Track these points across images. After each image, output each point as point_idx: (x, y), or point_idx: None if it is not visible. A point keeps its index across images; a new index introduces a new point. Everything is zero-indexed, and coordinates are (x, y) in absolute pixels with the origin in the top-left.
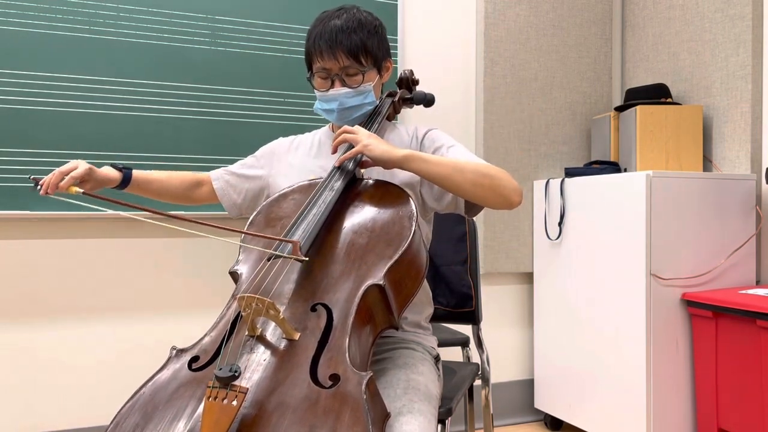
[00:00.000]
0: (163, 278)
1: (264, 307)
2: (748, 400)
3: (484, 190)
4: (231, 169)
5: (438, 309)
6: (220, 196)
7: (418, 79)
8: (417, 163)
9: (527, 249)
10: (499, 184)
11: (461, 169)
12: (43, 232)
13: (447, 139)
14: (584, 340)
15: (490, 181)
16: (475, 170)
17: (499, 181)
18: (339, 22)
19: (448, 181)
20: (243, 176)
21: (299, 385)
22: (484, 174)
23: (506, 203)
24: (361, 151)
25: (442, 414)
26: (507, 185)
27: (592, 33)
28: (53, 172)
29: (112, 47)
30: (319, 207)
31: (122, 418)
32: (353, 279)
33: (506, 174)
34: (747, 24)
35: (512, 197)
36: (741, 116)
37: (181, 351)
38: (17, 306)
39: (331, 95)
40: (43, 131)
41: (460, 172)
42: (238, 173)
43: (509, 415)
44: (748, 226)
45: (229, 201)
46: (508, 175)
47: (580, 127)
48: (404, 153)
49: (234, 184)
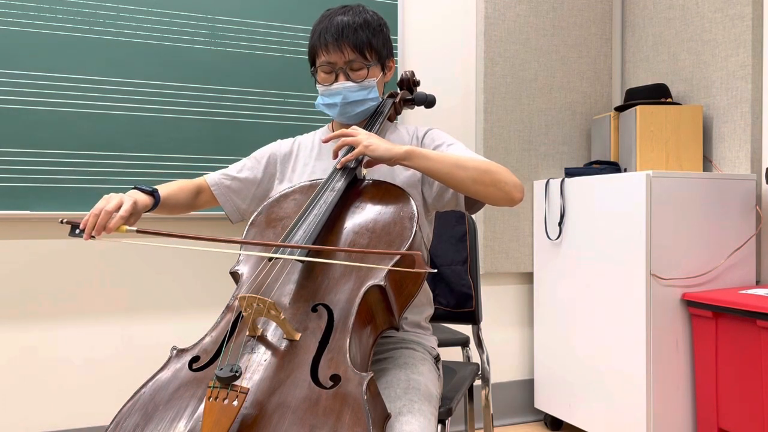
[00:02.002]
0: (164, 278)
1: (265, 308)
2: (748, 400)
3: (486, 186)
4: (230, 174)
5: (438, 309)
6: (222, 202)
7: (419, 80)
8: (419, 160)
9: (527, 249)
10: (500, 179)
11: (463, 165)
12: (43, 232)
13: (447, 138)
14: (584, 340)
15: (491, 177)
16: (476, 167)
17: (500, 176)
18: (345, 18)
19: (450, 177)
20: (246, 180)
21: (300, 386)
22: (485, 170)
23: (507, 199)
24: (363, 152)
25: (442, 414)
26: (508, 181)
27: (592, 33)
28: (92, 212)
29: (112, 47)
30: (320, 207)
31: (123, 418)
32: (354, 279)
33: (507, 170)
34: (747, 24)
35: (513, 193)
36: (741, 116)
37: (182, 351)
38: (17, 306)
39: (335, 89)
40: (43, 131)
41: (461, 169)
42: (241, 178)
43: (509, 415)
44: (748, 226)
45: (232, 206)
46: (509, 171)
47: (580, 127)
48: (406, 149)
49: (237, 190)
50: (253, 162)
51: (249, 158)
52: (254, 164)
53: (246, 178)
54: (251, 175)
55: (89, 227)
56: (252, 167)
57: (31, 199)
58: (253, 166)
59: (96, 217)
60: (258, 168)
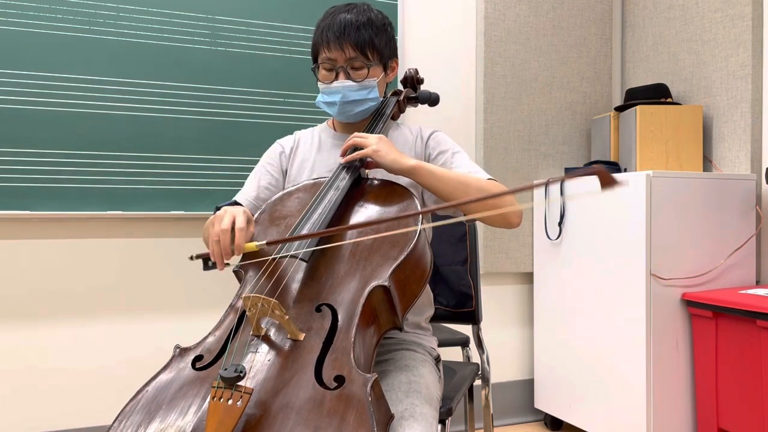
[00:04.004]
0: (165, 277)
1: (269, 308)
2: (748, 400)
3: (486, 208)
4: (251, 191)
5: (438, 309)
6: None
7: (422, 78)
8: (424, 176)
9: (527, 249)
10: (500, 204)
11: (466, 185)
12: (43, 232)
13: (452, 145)
14: (584, 340)
15: (493, 201)
16: (479, 188)
17: (501, 201)
18: (349, 16)
19: (452, 196)
20: (272, 187)
21: (304, 386)
22: (488, 193)
23: (505, 223)
24: (370, 155)
25: (443, 414)
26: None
27: (592, 33)
28: (210, 239)
29: (112, 47)
30: (324, 206)
31: (125, 417)
32: (358, 280)
33: (509, 195)
34: (747, 24)
35: (512, 218)
36: (741, 116)
37: (185, 350)
38: (17, 306)
39: (335, 87)
40: (43, 131)
41: (464, 189)
42: (264, 186)
43: (509, 415)
44: (748, 226)
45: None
46: (511, 196)
47: (580, 127)
48: (413, 164)
49: (265, 199)
50: (265, 169)
51: (259, 167)
52: (270, 169)
53: (269, 185)
54: (272, 178)
55: (218, 256)
56: (270, 172)
57: (31, 199)
58: (270, 171)
59: (218, 244)
60: (275, 171)
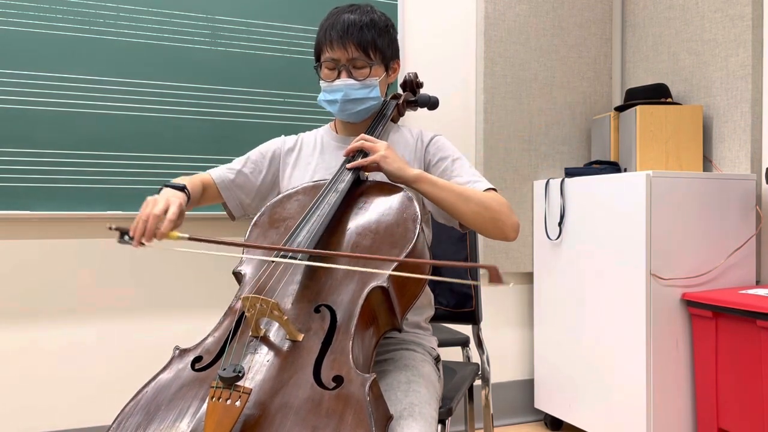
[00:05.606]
0: (165, 278)
1: (268, 308)
2: (748, 400)
3: (485, 221)
4: (234, 167)
5: (438, 309)
6: (226, 197)
7: (422, 82)
8: (426, 186)
9: (527, 249)
10: (499, 218)
11: (466, 197)
12: (43, 232)
13: (453, 151)
14: (584, 340)
15: (491, 214)
16: (479, 201)
17: (499, 215)
18: (352, 17)
19: (452, 207)
20: (251, 175)
21: (303, 387)
22: (487, 206)
23: (502, 236)
24: (377, 161)
25: (442, 414)
26: (506, 221)
27: (592, 33)
28: (139, 217)
29: (113, 47)
30: (323, 209)
31: (125, 418)
32: (357, 281)
33: (508, 208)
34: (747, 24)
35: (509, 233)
36: (741, 116)
37: (185, 351)
38: (17, 306)
39: (337, 86)
40: (43, 131)
41: (464, 201)
42: (245, 172)
43: (509, 415)
44: (748, 226)
45: (235, 201)
46: (510, 209)
47: (580, 127)
48: (415, 174)
49: (241, 184)
50: (257, 156)
51: (254, 152)
52: (259, 158)
53: (251, 172)
54: (256, 168)
55: (138, 233)
56: (256, 161)
57: (31, 199)
58: (258, 160)
59: (145, 223)
60: (263, 162)
